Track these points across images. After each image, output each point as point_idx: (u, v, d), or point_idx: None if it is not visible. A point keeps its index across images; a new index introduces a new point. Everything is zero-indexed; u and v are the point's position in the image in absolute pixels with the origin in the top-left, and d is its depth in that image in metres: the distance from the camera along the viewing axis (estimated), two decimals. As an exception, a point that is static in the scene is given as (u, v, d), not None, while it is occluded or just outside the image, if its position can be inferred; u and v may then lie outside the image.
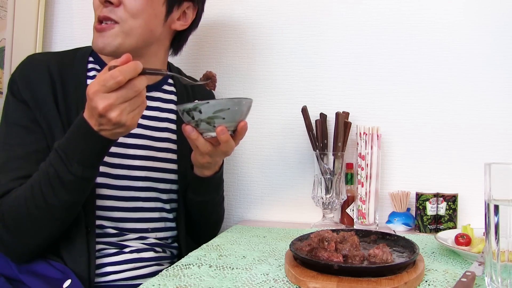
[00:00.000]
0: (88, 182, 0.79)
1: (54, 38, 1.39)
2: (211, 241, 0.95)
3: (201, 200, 0.98)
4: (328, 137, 1.17)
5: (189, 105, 0.76)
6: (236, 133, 0.81)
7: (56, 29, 1.39)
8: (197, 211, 1.01)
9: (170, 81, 1.05)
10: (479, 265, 0.73)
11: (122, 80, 0.67)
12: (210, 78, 0.85)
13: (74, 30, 1.38)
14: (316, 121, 1.18)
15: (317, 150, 1.16)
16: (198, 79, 0.85)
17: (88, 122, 0.72)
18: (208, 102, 0.75)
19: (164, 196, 0.98)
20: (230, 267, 0.75)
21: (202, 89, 1.06)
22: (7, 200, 0.79)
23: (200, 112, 0.75)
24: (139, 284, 0.67)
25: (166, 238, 0.98)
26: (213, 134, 0.78)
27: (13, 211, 0.78)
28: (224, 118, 0.76)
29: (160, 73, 0.78)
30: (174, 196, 1.00)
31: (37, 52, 1.31)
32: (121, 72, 0.67)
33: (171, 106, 1.02)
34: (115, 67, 0.68)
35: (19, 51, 1.23)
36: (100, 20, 0.88)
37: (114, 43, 0.88)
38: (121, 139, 0.91)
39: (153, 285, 0.66)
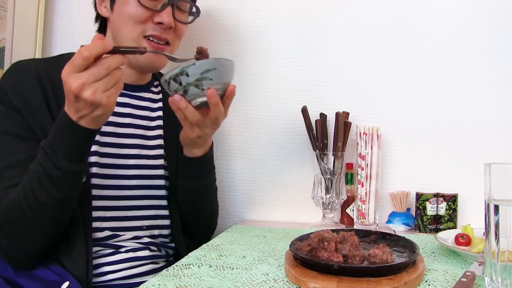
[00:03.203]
0: (77, 177, 0.77)
1: (54, 38, 1.39)
2: (211, 241, 0.95)
3: (194, 186, 0.97)
4: (328, 137, 1.17)
5: (175, 70, 0.74)
6: (225, 98, 0.80)
7: (56, 29, 1.39)
8: (191, 201, 0.99)
9: (156, 82, 1.07)
10: (479, 265, 0.73)
11: (88, 55, 0.67)
12: (201, 53, 0.84)
13: (74, 30, 1.38)
14: (316, 121, 1.18)
15: (317, 150, 1.16)
16: None
17: (68, 114, 0.72)
18: (194, 64, 0.74)
19: (158, 193, 0.98)
20: (230, 267, 0.75)
21: None
22: (1, 205, 0.78)
23: (188, 75, 0.74)
24: (136, 283, 0.67)
25: (161, 236, 0.98)
26: (202, 99, 0.77)
27: (7, 214, 0.77)
28: (212, 79, 0.75)
29: (136, 50, 0.75)
30: (168, 192, 1.00)
31: (36, 52, 1.31)
32: (87, 49, 0.67)
33: (160, 105, 1.04)
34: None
35: (19, 51, 1.24)
36: (161, 40, 0.93)
37: (165, 63, 0.96)
38: (114, 140, 0.92)
39: (153, 285, 0.66)
